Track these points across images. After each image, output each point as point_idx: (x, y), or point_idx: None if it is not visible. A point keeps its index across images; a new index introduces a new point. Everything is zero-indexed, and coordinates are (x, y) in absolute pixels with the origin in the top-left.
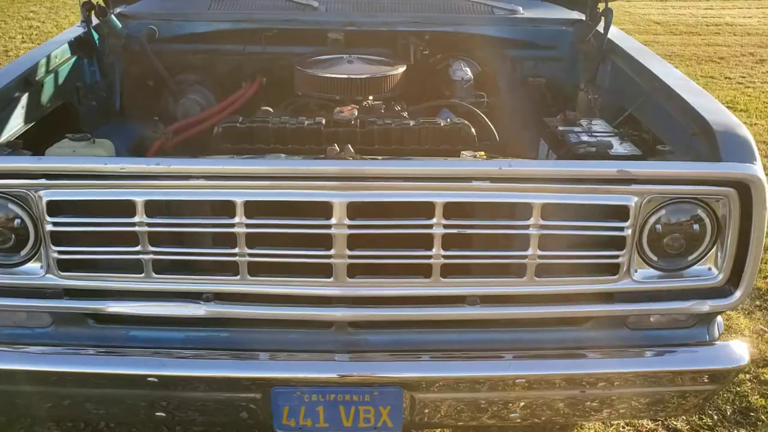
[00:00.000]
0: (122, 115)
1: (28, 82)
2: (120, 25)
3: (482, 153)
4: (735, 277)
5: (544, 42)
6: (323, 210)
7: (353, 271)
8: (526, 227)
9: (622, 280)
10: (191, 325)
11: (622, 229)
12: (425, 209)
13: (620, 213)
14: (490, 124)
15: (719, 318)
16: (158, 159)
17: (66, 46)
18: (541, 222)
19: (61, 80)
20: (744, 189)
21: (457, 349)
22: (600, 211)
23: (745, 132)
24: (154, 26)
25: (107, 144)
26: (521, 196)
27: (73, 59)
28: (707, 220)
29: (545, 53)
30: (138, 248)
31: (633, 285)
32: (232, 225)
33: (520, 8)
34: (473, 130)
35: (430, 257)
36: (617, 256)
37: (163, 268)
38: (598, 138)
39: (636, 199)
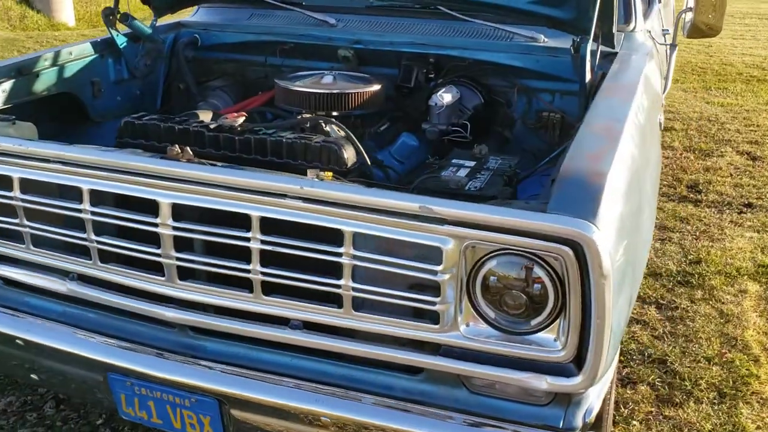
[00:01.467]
0: (160, 111)
1: (20, 71)
2: (148, 30)
3: (329, 174)
4: (580, 356)
5: (564, 74)
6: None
7: (186, 273)
8: (339, 255)
9: (448, 332)
10: (69, 301)
11: (435, 273)
12: (247, 222)
13: (435, 255)
14: (360, 148)
15: (594, 402)
16: (22, 141)
17: (88, 45)
18: (353, 252)
19: (68, 73)
20: (580, 249)
21: (286, 374)
22: (422, 251)
23: (596, 183)
24: (198, 35)
25: (26, 127)
26: (331, 221)
27: (93, 57)
28: (548, 281)
29: (564, 86)
30: (17, 221)
31: (461, 340)
32: (80, 210)
33: (543, 36)
34: (346, 151)
35: (249, 272)
36: (434, 303)
37: (39, 242)
38: (474, 177)
39: (453, 242)
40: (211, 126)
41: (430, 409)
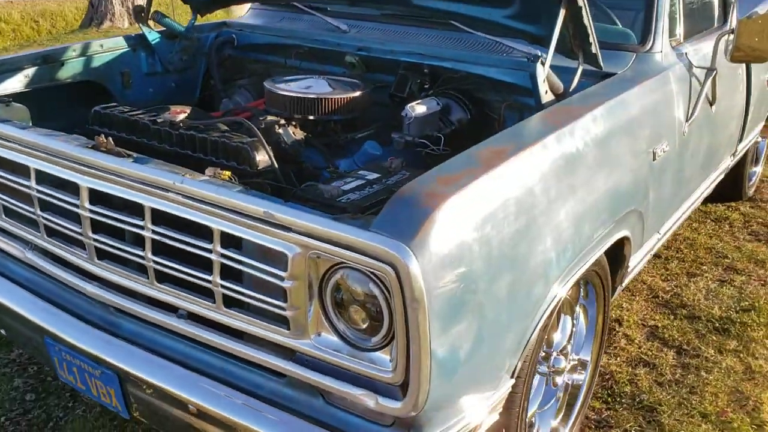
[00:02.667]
0: (197, 103)
1: (45, 59)
2: (180, 28)
3: (227, 173)
4: (406, 380)
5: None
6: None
7: (106, 254)
8: (209, 251)
9: (299, 338)
10: (32, 268)
11: (282, 279)
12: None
13: (282, 261)
14: (269, 151)
15: None
16: None
17: (120, 39)
18: (220, 249)
19: (96, 63)
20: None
21: (178, 360)
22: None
23: (426, 206)
24: (235, 35)
25: (19, 109)
26: (203, 218)
27: (125, 50)
28: (382, 299)
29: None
30: None
31: (309, 348)
32: (27, 186)
33: (540, 52)
34: (258, 153)
35: (143, 258)
36: (283, 308)
37: (8, 213)
38: (362, 190)
39: (299, 249)
40: (158, 120)
41: (285, 414)
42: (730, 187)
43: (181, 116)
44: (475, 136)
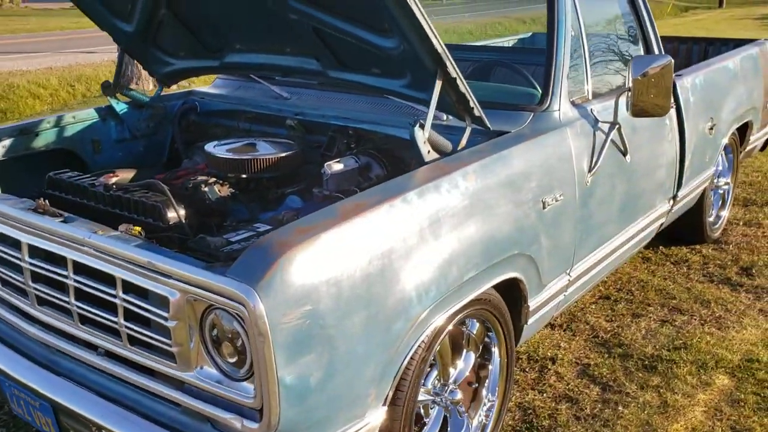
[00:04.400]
0: (164, 166)
1: (22, 131)
2: (145, 98)
3: (137, 228)
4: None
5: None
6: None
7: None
8: (114, 296)
9: (186, 371)
10: None
11: (166, 319)
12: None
13: (166, 304)
14: (177, 209)
15: None
16: None
17: (91, 110)
18: (122, 295)
19: (68, 133)
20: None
21: (102, 393)
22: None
23: (275, 252)
24: (198, 102)
25: None
26: (110, 268)
27: (95, 120)
28: (243, 335)
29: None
30: None
31: (194, 379)
32: None
33: (445, 116)
34: (168, 210)
35: (68, 303)
36: (169, 345)
37: None
38: (248, 241)
39: (178, 294)
40: (95, 184)
41: None
42: (691, 231)
43: (113, 180)
44: None
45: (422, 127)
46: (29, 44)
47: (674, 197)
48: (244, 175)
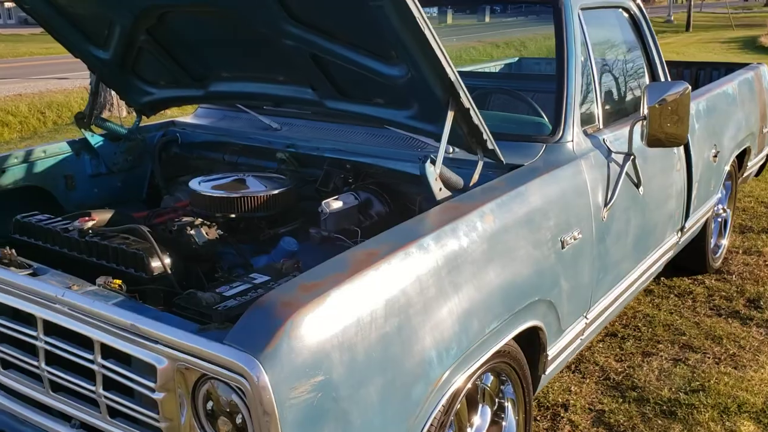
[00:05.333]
0: (146, 203)
1: None
2: (122, 131)
3: (117, 282)
4: None
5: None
6: None
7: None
8: (92, 362)
9: None
10: None
11: (152, 390)
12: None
13: (152, 373)
14: (162, 258)
15: None
16: None
17: (64, 143)
18: (101, 361)
19: (39, 169)
20: None
21: None
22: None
23: (279, 316)
24: (179, 133)
25: None
26: (87, 329)
27: (68, 155)
28: (244, 410)
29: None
30: None
31: None
32: None
33: (453, 148)
34: (152, 259)
35: (37, 366)
36: (156, 420)
37: None
38: (244, 295)
39: (166, 362)
40: (69, 228)
41: None
42: (693, 261)
43: (90, 224)
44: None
45: (433, 162)
46: None
47: (682, 228)
48: (233, 215)
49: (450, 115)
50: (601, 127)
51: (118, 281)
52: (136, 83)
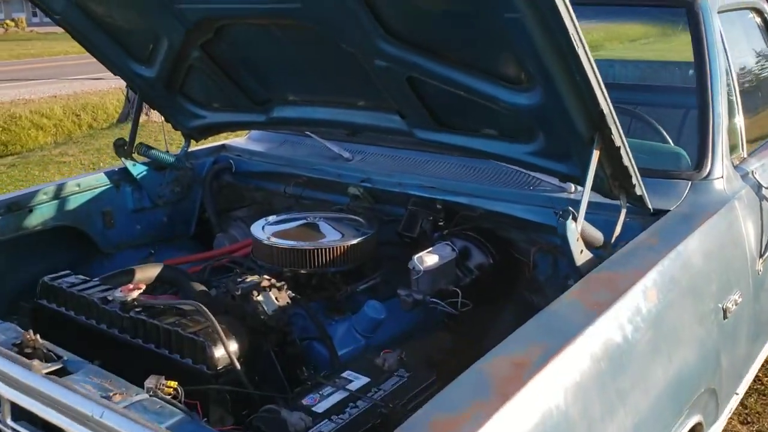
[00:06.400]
0: (193, 239)
1: (9, 208)
2: (170, 159)
3: (172, 385)
4: None
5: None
6: None
7: None
8: None
9: None
10: None
11: None
12: None
13: None
14: (227, 347)
15: None
16: None
17: (101, 174)
18: None
19: (71, 206)
20: None
21: None
22: None
23: None
24: (233, 160)
25: None
26: None
27: (106, 187)
28: None
29: (596, 250)
30: None
31: None
32: None
33: (574, 185)
34: (216, 348)
35: None
36: None
37: None
38: (339, 413)
39: None
40: (108, 299)
41: None
42: None
43: (135, 294)
44: (502, 286)
45: (575, 218)
46: (33, 70)
47: None
48: (303, 271)
49: (595, 154)
50: (745, 155)
51: (173, 384)
52: (184, 105)
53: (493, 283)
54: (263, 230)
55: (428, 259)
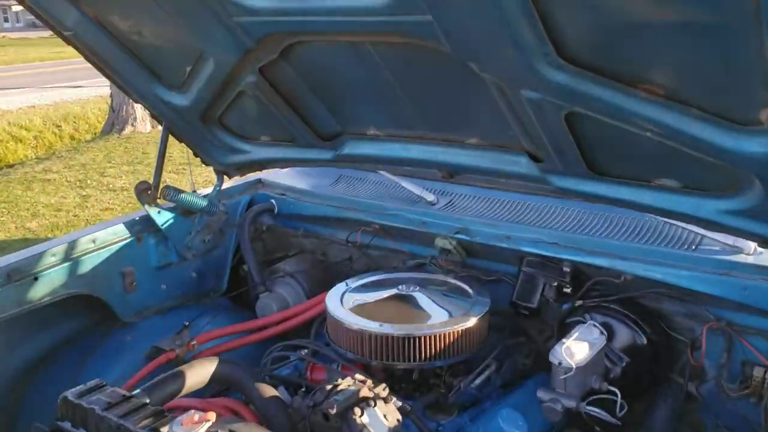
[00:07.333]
0: (226, 295)
1: (9, 276)
2: (201, 203)
3: None
4: None
5: None
6: None
7: None
8: None
9: None
10: None
11: None
12: None
13: None
14: None
15: None
16: None
17: (120, 226)
18: None
19: (84, 269)
20: None
21: None
22: None
23: None
24: (275, 200)
25: None
26: None
27: (127, 241)
28: None
29: None
30: None
31: None
32: None
33: (753, 245)
34: None
35: None
36: None
37: None
38: None
39: None
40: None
41: None
42: None
43: (204, 426)
44: (655, 374)
45: None
46: (7, 79)
47: None
48: (401, 365)
49: None
50: None
51: None
52: (222, 137)
53: (645, 372)
54: (342, 303)
55: (578, 350)
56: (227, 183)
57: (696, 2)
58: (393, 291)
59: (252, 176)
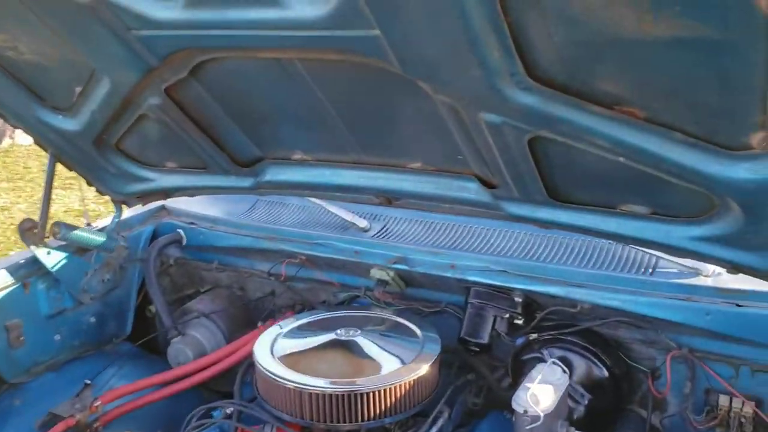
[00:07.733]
0: (131, 340)
1: None
2: (98, 239)
3: None
4: None
5: (761, 335)
6: None
7: None
8: None
9: None
10: None
11: None
12: None
13: None
14: None
15: None
16: None
17: (2, 272)
18: None
19: None
20: None
21: None
22: None
23: None
24: (183, 230)
25: None
26: None
27: (10, 290)
28: None
29: (760, 355)
30: None
31: None
32: None
33: (712, 268)
34: None
35: None
36: None
37: None
38: None
39: None
40: None
41: None
42: None
43: None
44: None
45: None
46: None
47: None
48: (347, 427)
49: None
50: None
51: None
52: (120, 164)
53: (607, 407)
54: (273, 352)
55: (543, 395)
56: (127, 212)
57: (697, 16)
58: (331, 336)
59: (154, 204)
